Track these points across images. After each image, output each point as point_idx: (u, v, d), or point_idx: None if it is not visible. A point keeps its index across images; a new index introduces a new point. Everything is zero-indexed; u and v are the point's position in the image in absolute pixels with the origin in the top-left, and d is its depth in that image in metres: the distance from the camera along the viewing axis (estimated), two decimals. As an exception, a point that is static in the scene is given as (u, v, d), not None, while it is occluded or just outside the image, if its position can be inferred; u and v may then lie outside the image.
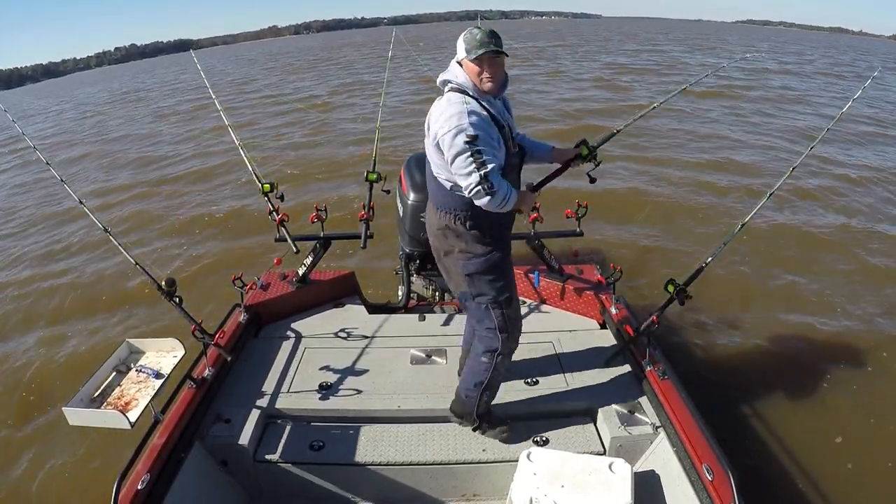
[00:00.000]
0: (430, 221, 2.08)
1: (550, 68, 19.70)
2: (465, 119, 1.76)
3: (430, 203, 2.07)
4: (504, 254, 2.05)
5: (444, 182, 1.93)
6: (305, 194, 7.04)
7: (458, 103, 1.80)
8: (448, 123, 1.77)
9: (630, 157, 8.12)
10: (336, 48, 41.52)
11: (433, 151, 1.91)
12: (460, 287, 2.08)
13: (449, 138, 1.77)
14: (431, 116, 1.89)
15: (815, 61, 24.63)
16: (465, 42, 1.83)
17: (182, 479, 1.95)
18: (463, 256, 1.99)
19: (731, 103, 12.53)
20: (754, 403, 3.22)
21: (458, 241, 1.98)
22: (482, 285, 2.01)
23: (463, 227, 1.95)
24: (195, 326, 2.29)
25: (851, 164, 8.00)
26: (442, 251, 2.06)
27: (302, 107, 13.36)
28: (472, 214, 1.93)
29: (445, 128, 1.78)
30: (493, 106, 1.90)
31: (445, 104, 1.83)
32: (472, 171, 1.76)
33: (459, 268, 2.01)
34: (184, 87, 23.96)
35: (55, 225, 7.22)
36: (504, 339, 2.07)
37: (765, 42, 39.37)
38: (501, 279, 2.04)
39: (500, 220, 1.99)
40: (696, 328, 3.97)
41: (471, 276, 2.00)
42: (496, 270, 2.02)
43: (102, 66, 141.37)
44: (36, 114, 21.96)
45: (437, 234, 2.04)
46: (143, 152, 10.92)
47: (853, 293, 4.45)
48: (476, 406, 2.17)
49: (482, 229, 1.96)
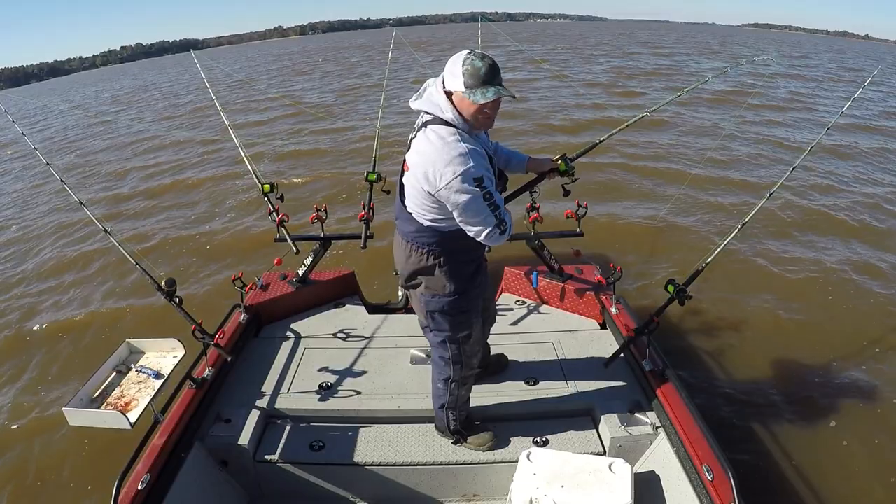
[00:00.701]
0: (398, 252, 1.90)
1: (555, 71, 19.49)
2: (470, 161, 1.57)
3: (398, 233, 1.89)
4: (473, 294, 1.91)
5: (419, 217, 1.75)
6: (306, 194, 7.06)
7: (454, 143, 1.59)
8: (451, 168, 1.56)
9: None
10: (339, 49, 41.26)
11: (416, 190, 1.69)
12: (420, 317, 2.01)
13: (457, 184, 1.57)
14: (421, 156, 1.64)
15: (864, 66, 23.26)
16: (464, 76, 1.56)
17: (182, 479, 1.95)
18: (427, 293, 1.87)
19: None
20: (754, 403, 3.22)
21: (424, 278, 1.84)
22: (442, 323, 1.92)
23: (435, 264, 1.80)
24: (195, 326, 2.29)
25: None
26: (405, 280, 1.92)
27: (312, 111, 13.28)
28: (445, 250, 1.79)
29: (449, 173, 1.56)
30: (479, 136, 1.75)
31: (440, 144, 1.60)
32: (488, 215, 1.63)
33: (422, 303, 1.91)
34: (186, 87, 23.88)
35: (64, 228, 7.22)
36: (457, 370, 2.03)
37: (779, 46, 38.86)
38: (463, 319, 1.93)
39: (474, 259, 1.90)
40: (696, 328, 3.97)
41: (431, 313, 1.90)
42: (459, 312, 1.90)
43: (108, 66, 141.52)
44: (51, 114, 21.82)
45: (403, 265, 1.88)
46: (146, 162, 10.87)
47: (857, 293, 4.45)
48: (447, 423, 2.17)
49: (452, 269, 1.82)
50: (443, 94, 1.64)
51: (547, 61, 22.10)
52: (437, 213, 1.72)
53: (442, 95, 1.64)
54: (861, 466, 2.81)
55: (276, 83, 21.90)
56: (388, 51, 4.25)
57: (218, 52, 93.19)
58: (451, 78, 1.60)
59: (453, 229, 1.74)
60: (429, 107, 1.66)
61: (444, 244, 1.78)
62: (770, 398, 3.27)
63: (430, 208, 1.71)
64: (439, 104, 1.64)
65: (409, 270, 1.86)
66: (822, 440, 2.97)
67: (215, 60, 35.34)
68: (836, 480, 2.72)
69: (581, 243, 3.02)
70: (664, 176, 7.40)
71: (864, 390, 3.34)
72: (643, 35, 47.92)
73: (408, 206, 1.77)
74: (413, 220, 1.77)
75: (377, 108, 3.72)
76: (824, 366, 3.57)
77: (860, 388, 3.36)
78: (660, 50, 29.11)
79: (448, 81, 1.62)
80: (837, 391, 3.34)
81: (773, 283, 4.63)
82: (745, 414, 3.13)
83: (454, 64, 1.60)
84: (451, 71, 1.60)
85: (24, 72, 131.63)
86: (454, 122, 1.63)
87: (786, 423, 3.06)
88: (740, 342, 3.83)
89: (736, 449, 2.80)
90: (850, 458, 2.86)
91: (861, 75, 18.93)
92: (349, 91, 17.22)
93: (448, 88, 1.62)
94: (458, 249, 1.78)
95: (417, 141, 1.69)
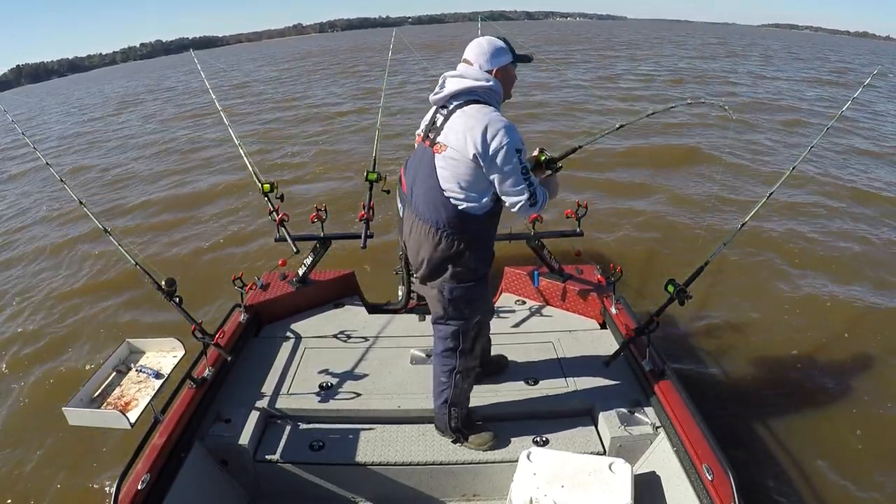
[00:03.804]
0: (424, 243, 1.88)
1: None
2: (515, 133, 1.70)
3: (421, 223, 1.87)
4: (488, 279, 2.01)
5: (456, 201, 1.78)
6: (305, 194, 7.05)
7: (498, 116, 1.72)
8: (504, 133, 1.68)
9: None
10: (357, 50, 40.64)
11: (460, 163, 1.74)
12: (436, 310, 2.01)
13: (504, 155, 1.69)
14: (467, 126, 1.70)
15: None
16: (506, 46, 1.79)
17: (182, 479, 1.95)
18: (452, 281, 1.90)
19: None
20: (755, 403, 3.22)
21: (451, 266, 1.88)
22: (463, 310, 1.96)
23: (465, 250, 1.84)
24: (195, 326, 2.29)
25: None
26: (431, 272, 1.92)
27: (326, 114, 13.16)
28: (474, 237, 1.85)
29: (502, 135, 1.67)
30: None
31: (487, 112, 1.72)
32: (525, 186, 1.75)
33: (444, 293, 1.92)
34: (197, 88, 23.61)
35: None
36: (462, 360, 2.05)
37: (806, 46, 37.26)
38: (482, 304, 2.01)
39: (491, 244, 1.98)
40: (696, 328, 3.97)
41: (453, 300, 1.93)
42: (480, 297, 1.98)
43: (128, 62, 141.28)
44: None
45: (430, 254, 1.87)
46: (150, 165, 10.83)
47: (861, 294, 4.45)
48: (448, 421, 2.17)
49: (478, 253, 1.89)
50: (485, 73, 1.78)
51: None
52: (475, 189, 1.78)
53: (485, 74, 1.78)
54: (861, 467, 2.81)
55: (287, 86, 21.61)
56: (394, 54, 4.25)
57: (237, 49, 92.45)
58: (496, 57, 1.78)
59: (485, 211, 1.83)
60: (469, 85, 1.76)
61: (474, 229, 1.84)
62: (770, 398, 3.27)
63: (471, 184, 1.77)
64: (480, 78, 1.76)
65: (437, 259, 1.87)
66: (822, 440, 2.97)
67: (219, 61, 35.22)
68: (836, 480, 2.72)
69: (581, 243, 3.02)
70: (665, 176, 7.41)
71: (866, 390, 3.34)
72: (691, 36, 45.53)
73: (445, 190, 1.79)
74: (448, 205, 1.79)
75: (377, 108, 3.71)
76: (825, 366, 3.57)
77: (861, 389, 3.36)
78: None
79: (493, 60, 1.78)
80: (838, 391, 3.34)
81: (773, 282, 4.63)
82: (745, 414, 3.13)
83: (490, 44, 1.79)
84: (492, 51, 1.78)
85: (44, 67, 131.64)
86: (495, 90, 1.78)
87: (786, 423, 3.06)
88: (740, 342, 3.83)
89: (736, 449, 2.80)
90: (850, 459, 2.85)
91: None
92: (352, 93, 17.17)
93: (497, 66, 1.79)
94: (485, 234, 1.87)
95: (455, 119, 1.76)
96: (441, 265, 1.89)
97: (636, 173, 7.52)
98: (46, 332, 4.52)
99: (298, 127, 12.08)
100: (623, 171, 7.60)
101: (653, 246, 5.36)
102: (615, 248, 5.26)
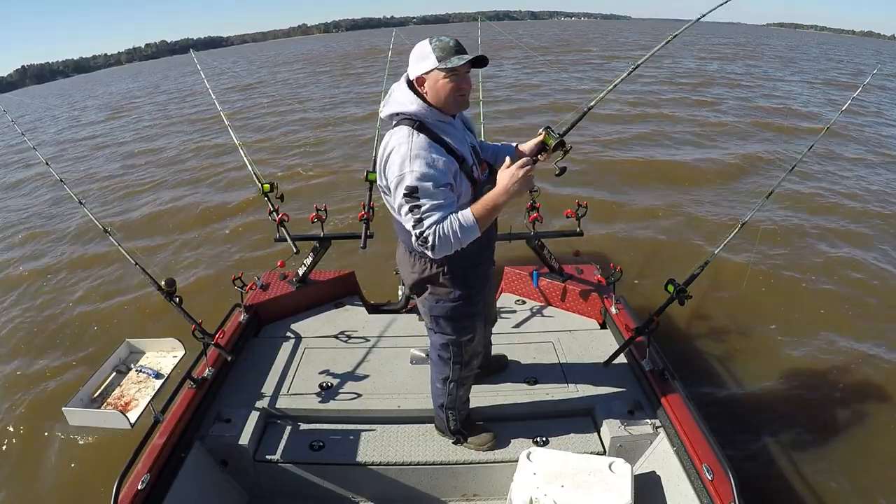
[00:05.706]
0: (402, 263, 1.88)
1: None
2: (407, 166, 1.50)
3: (401, 245, 1.86)
4: (476, 299, 1.90)
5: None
6: (306, 194, 7.06)
7: (399, 143, 1.55)
8: (393, 169, 1.54)
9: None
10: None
11: (386, 194, 1.66)
12: (426, 321, 2.00)
13: (395, 187, 1.54)
14: (380, 158, 1.62)
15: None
16: (434, 51, 1.53)
17: (182, 479, 1.95)
18: (432, 298, 1.85)
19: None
20: (755, 403, 3.22)
21: (430, 285, 1.83)
22: (446, 327, 1.91)
23: (439, 272, 1.78)
24: (195, 326, 2.29)
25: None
26: (412, 290, 1.90)
27: (326, 116, 13.10)
28: (446, 261, 1.73)
29: (392, 173, 1.54)
30: (453, 132, 1.65)
31: (388, 145, 1.59)
32: (412, 225, 1.52)
33: (426, 308, 1.90)
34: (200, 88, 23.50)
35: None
36: (456, 370, 2.02)
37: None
38: (467, 323, 1.92)
39: (477, 263, 1.85)
40: (696, 328, 3.97)
41: (436, 317, 1.90)
42: (463, 316, 1.89)
43: (133, 63, 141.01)
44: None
45: (408, 275, 1.86)
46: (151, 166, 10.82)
47: (861, 294, 4.44)
48: (447, 423, 2.17)
49: (455, 277, 1.79)
50: (405, 86, 1.62)
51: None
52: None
53: (404, 89, 1.62)
54: (862, 467, 2.81)
55: (288, 87, 21.55)
56: (396, 53, 4.25)
57: (243, 49, 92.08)
58: (418, 62, 1.57)
59: None
60: (395, 107, 1.62)
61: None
62: (770, 398, 3.27)
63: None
64: (401, 100, 1.61)
65: (414, 279, 1.84)
66: (821, 440, 2.97)
67: (218, 61, 35.04)
68: (836, 480, 2.71)
69: (581, 243, 3.01)
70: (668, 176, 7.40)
71: (866, 391, 3.34)
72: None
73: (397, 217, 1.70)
74: (405, 230, 1.67)
75: (377, 108, 3.71)
76: (825, 366, 3.56)
77: (861, 389, 3.36)
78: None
79: (415, 68, 1.58)
80: (838, 392, 3.34)
81: (773, 283, 4.63)
82: (745, 414, 3.13)
83: (419, 49, 1.57)
84: (418, 56, 1.57)
85: (49, 68, 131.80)
86: (419, 113, 1.58)
87: (786, 423, 3.06)
88: (740, 341, 3.83)
89: (736, 449, 2.80)
90: (850, 459, 2.85)
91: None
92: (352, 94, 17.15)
93: (417, 74, 1.58)
94: (456, 256, 1.63)
95: (385, 139, 1.65)
96: (420, 284, 1.85)
97: (636, 173, 7.52)
98: (47, 332, 4.52)
99: (298, 127, 12.08)
100: (623, 171, 7.60)
101: (653, 246, 5.36)
102: (615, 248, 5.26)
